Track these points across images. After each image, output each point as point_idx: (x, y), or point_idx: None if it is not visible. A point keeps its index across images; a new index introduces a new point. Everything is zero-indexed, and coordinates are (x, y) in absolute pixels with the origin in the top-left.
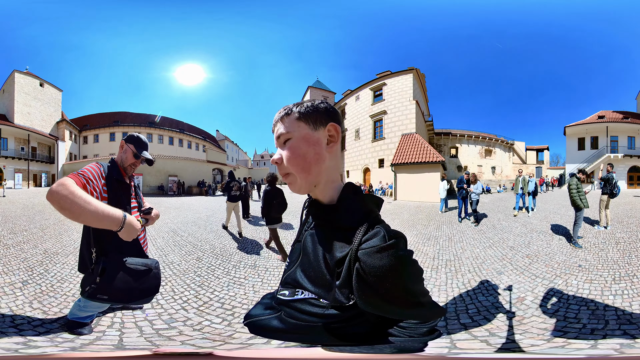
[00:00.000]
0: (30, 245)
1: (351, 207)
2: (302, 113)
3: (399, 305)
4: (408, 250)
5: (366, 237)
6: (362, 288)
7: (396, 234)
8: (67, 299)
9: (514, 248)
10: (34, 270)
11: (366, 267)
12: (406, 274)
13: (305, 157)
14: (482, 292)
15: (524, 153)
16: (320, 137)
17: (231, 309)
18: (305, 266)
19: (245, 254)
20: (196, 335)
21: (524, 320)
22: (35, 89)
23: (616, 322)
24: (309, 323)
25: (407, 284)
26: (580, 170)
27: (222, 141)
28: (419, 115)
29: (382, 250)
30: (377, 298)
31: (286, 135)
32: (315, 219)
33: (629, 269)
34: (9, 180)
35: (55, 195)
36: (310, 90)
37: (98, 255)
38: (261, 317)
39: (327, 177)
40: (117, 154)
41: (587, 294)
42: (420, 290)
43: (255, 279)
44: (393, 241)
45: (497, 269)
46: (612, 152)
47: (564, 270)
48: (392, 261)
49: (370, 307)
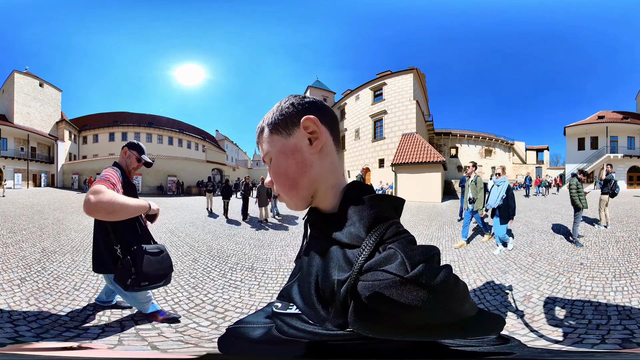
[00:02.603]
0: (29, 243)
1: (354, 215)
2: (271, 125)
3: (436, 333)
4: (445, 271)
5: (372, 261)
6: (366, 326)
7: (423, 257)
8: (61, 296)
9: (516, 247)
10: (31, 268)
11: (372, 304)
12: (444, 307)
13: (286, 173)
14: (489, 292)
15: (523, 153)
16: (298, 142)
17: (223, 313)
18: (301, 282)
19: (243, 256)
20: (172, 337)
21: (534, 317)
22: (34, 89)
23: (617, 317)
24: (299, 339)
25: (442, 317)
26: (581, 171)
27: (222, 141)
28: (419, 115)
29: (400, 285)
30: (396, 333)
31: (267, 156)
32: (312, 229)
33: (629, 267)
34: (8, 180)
35: (100, 205)
36: (310, 90)
37: (122, 250)
38: (250, 323)
39: (324, 184)
40: (120, 158)
41: (590, 291)
42: (467, 307)
43: (252, 282)
44: (417, 271)
45: (501, 268)
46: (612, 153)
47: (566, 268)
48: (422, 296)
49: (385, 337)
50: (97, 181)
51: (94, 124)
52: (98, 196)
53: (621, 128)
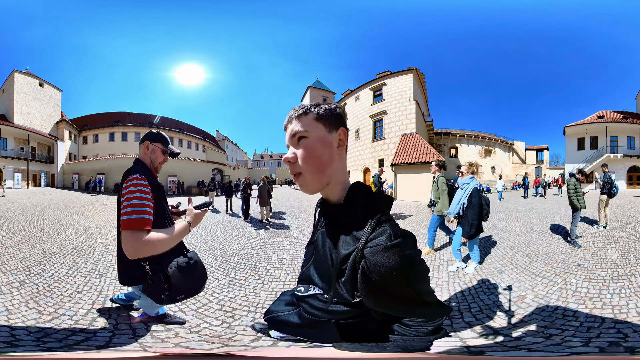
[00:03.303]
0: (29, 245)
1: (358, 206)
2: (320, 114)
3: (403, 304)
4: (415, 250)
5: (372, 235)
6: (367, 285)
7: (403, 233)
8: (62, 299)
9: (514, 247)
10: (31, 270)
11: (371, 265)
12: (411, 273)
13: (320, 158)
14: (483, 291)
15: (523, 153)
16: (333, 140)
17: (231, 311)
18: (317, 263)
19: (245, 255)
20: (192, 338)
21: (524, 318)
22: (34, 89)
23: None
24: (321, 319)
25: (411, 283)
26: (579, 171)
27: (222, 141)
28: (418, 115)
29: (387, 249)
30: (381, 296)
31: (302, 133)
32: (325, 218)
33: (627, 269)
34: (8, 180)
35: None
36: (310, 90)
37: (151, 265)
38: (281, 312)
39: (336, 178)
40: (142, 154)
41: (586, 293)
42: (425, 289)
43: (256, 280)
44: (399, 240)
45: (497, 268)
46: (611, 152)
47: (563, 269)
48: (397, 260)
49: (374, 304)
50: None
51: (94, 124)
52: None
53: (621, 128)
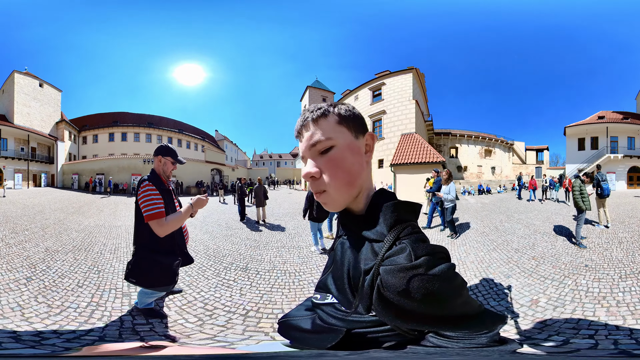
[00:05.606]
0: (32, 244)
1: (379, 217)
2: (343, 116)
3: (432, 324)
4: (442, 268)
5: (391, 252)
6: (382, 306)
7: (427, 252)
8: (67, 292)
9: (519, 250)
10: (36, 267)
11: (386, 285)
12: (439, 294)
13: (351, 169)
14: (492, 297)
15: (523, 153)
16: (361, 146)
17: (211, 310)
18: (335, 273)
19: (238, 256)
20: (161, 331)
21: (535, 322)
22: (34, 89)
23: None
24: (333, 326)
25: (441, 304)
26: (585, 173)
27: (221, 141)
28: (418, 115)
29: (404, 270)
30: (401, 318)
31: (326, 142)
32: (344, 229)
33: (634, 267)
34: (9, 180)
35: (165, 232)
36: (310, 90)
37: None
38: (296, 317)
39: (363, 188)
40: (156, 166)
41: (598, 292)
42: (461, 302)
43: (245, 281)
44: (420, 261)
45: (504, 272)
46: (612, 153)
47: (571, 270)
48: (417, 283)
49: (394, 323)
50: (150, 214)
51: (94, 124)
52: (160, 230)
53: (621, 128)
